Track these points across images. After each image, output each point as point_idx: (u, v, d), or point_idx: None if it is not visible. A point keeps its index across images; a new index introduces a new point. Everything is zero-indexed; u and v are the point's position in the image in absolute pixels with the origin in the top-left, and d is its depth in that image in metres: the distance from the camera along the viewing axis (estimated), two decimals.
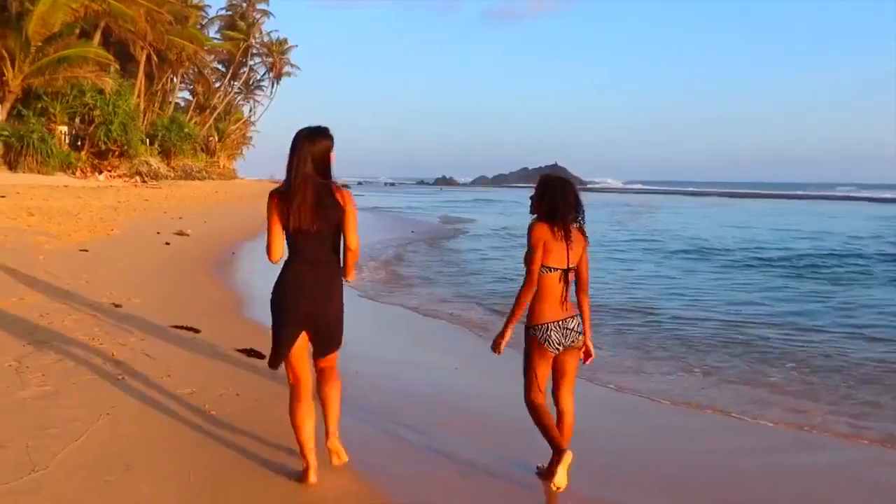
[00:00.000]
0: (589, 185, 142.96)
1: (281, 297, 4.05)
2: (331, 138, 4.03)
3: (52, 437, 4.27)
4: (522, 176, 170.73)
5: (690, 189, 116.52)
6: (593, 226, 4.70)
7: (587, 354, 4.36)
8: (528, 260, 4.17)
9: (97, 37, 42.89)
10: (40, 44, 34.63)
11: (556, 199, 4.17)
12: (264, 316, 9.14)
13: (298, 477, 4.09)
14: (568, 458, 4.01)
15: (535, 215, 4.26)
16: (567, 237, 4.15)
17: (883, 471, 5.21)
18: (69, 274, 10.21)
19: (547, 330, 4.15)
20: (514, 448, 4.87)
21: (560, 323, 4.16)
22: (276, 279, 4.09)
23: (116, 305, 8.47)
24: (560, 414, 4.33)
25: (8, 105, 35.24)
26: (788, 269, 17.68)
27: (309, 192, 3.87)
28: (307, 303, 3.99)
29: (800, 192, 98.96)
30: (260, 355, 6.80)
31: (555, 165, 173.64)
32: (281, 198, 3.91)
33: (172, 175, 52.96)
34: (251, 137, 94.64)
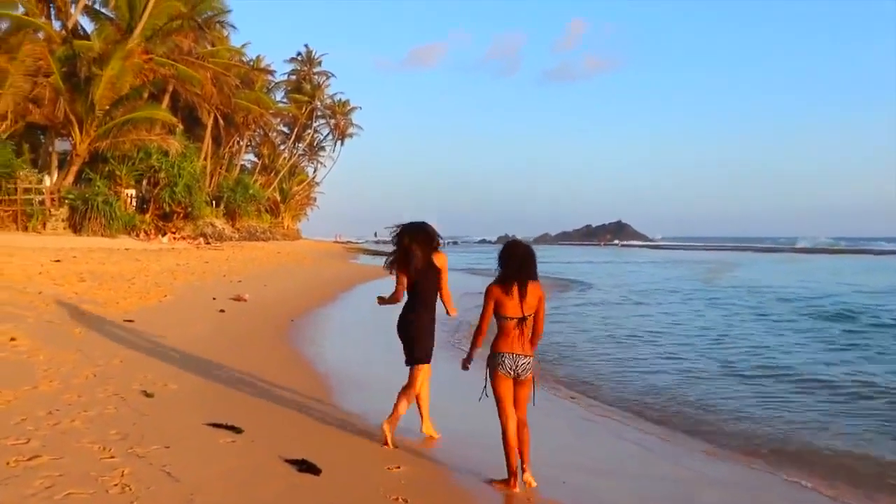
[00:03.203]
0: (657, 243, 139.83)
1: (399, 321, 6.32)
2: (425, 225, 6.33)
3: None
4: (586, 234, 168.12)
5: (756, 245, 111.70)
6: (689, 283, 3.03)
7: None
8: (481, 313, 5.40)
9: (165, 100, 43.24)
10: (108, 107, 34.68)
11: (509, 264, 5.29)
12: (337, 399, 7.74)
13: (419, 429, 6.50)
14: (514, 490, 5.32)
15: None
16: (521, 293, 5.24)
17: None
18: (103, 352, 8.89)
19: (502, 357, 5.30)
20: None
21: (512, 355, 5.29)
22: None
23: (147, 395, 7.04)
24: (520, 425, 5.43)
25: (75, 169, 35.26)
26: None
27: (419, 258, 6.17)
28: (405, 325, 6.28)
29: (864, 248, 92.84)
30: (315, 469, 5.23)
31: (619, 223, 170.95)
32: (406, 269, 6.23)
33: (237, 236, 52.83)
34: (315, 198, 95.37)
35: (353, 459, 5.77)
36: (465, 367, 5.74)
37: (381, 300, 6.64)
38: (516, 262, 5.29)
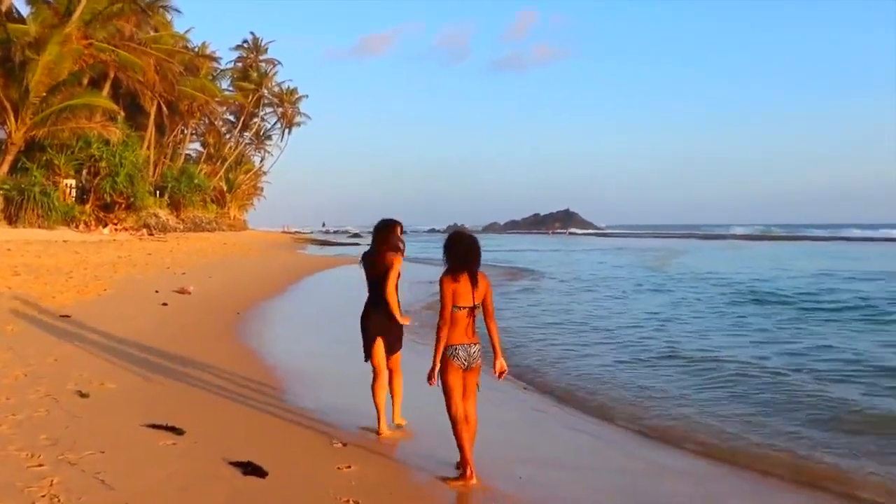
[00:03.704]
0: (604, 231, 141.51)
1: (364, 319, 6.42)
2: (395, 224, 6.51)
3: None
4: (534, 222, 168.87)
5: (698, 232, 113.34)
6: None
7: (500, 371, 5.50)
8: (441, 306, 5.35)
9: (106, 87, 42.00)
10: (44, 94, 33.46)
11: (456, 254, 5.33)
12: (286, 395, 7.47)
13: (376, 430, 6.34)
14: (471, 482, 5.24)
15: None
16: (472, 281, 5.31)
17: None
18: (36, 350, 8.48)
19: (455, 349, 5.33)
20: None
21: (465, 346, 5.35)
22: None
23: (82, 395, 6.70)
24: (466, 419, 5.39)
25: (10, 158, 33.94)
26: None
27: (380, 256, 6.34)
28: (376, 320, 6.34)
29: (806, 234, 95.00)
30: (261, 472, 4.99)
31: (566, 211, 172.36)
32: (365, 258, 6.46)
33: (181, 227, 51.72)
34: (262, 188, 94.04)
35: (302, 459, 5.54)
36: (432, 382, 5.41)
37: None
38: (462, 252, 5.33)
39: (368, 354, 6.40)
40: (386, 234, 6.37)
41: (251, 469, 5.05)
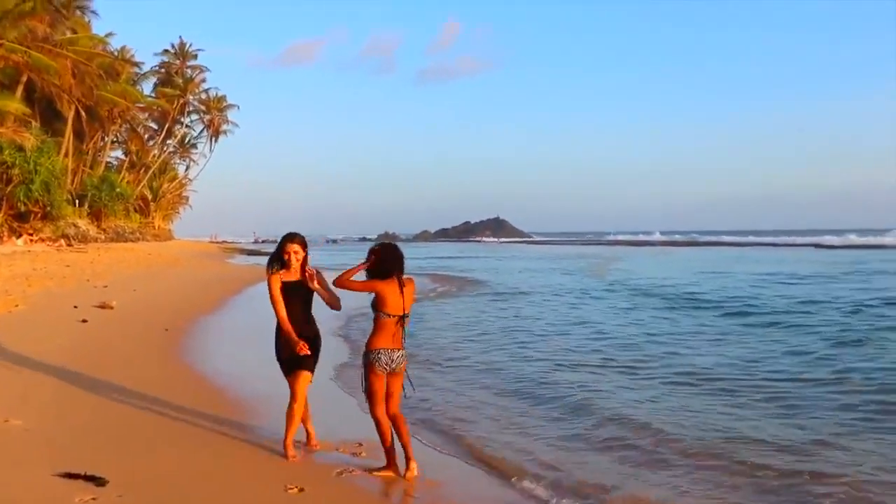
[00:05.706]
0: (534, 239, 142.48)
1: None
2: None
3: None
4: (464, 230, 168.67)
5: (628, 239, 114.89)
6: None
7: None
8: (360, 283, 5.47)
9: (19, 91, 39.72)
10: None
11: (386, 261, 5.42)
12: (231, 426, 6.46)
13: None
14: (413, 468, 5.45)
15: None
16: (400, 287, 5.41)
17: None
18: None
19: (378, 353, 5.41)
20: None
21: (389, 350, 5.42)
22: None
23: None
24: (395, 420, 5.51)
25: None
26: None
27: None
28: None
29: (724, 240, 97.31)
30: None
31: (497, 219, 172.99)
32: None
33: (103, 237, 49.52)
34: (188, 197, 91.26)
35: None
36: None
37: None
38: (393, 259, 5.44)
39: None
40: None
41: None
